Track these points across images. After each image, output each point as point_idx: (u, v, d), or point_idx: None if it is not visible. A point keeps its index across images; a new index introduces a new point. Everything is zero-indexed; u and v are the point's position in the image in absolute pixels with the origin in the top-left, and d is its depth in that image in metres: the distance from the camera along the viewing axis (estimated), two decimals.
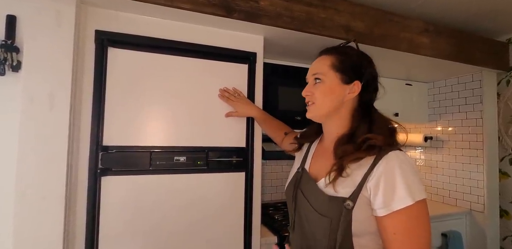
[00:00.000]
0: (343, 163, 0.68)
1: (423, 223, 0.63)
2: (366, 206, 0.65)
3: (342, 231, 0.65)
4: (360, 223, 0.65)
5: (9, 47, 0.88)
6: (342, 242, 0.65)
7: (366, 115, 0.75)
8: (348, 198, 0.65)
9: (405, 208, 0.61)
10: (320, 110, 0.77)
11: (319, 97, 0.76)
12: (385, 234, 0.64)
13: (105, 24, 0.99)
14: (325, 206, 0.69)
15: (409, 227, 0.62)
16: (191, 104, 1.10)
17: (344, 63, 0.75)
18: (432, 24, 1.50)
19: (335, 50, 0.79)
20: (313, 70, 0.79)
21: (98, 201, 0.96)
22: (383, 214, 0.63)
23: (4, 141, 0.88)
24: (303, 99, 0.80)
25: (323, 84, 0.75)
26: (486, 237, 1.74)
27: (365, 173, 0.66)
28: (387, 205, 0.62)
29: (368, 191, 0.65)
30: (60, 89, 0.90)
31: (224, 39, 1.16)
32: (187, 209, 1.07)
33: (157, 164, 1.04)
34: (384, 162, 0.64)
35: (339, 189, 0.67)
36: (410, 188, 0.61)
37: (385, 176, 0.63)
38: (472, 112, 1.82)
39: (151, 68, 1.05)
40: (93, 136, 0.97)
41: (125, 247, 0.99)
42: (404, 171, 0.63)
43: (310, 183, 0.76)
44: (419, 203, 0.62)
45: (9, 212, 0.85)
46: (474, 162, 1.80)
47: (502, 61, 1.79)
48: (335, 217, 0.66)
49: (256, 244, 1.17)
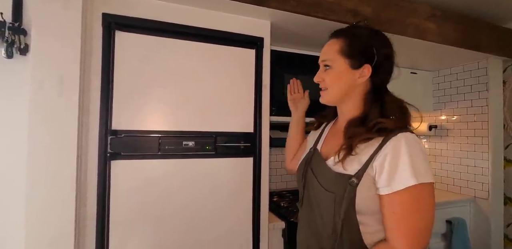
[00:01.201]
0: (353, 143, 0.68)
1: (425, 207, 0.63)
2: (371, 185, 0.65)
3: (345, 207, 0.65)
4: (364, 201, 0.65)
5: (16, 29, 0.88)
6: (345, 218, 0.66)
7: (378, 98, 0.75)
8: (353, 175, 0.66)
9: (407, 188, 0.61)
10: (331, 96, 0.78)
11: (329, 83, 0.76)
12: (385, 212, 0.64)
13: (112, 7, 0.98)
14: (331, 182, 0.70)
15: (408, 208, 0.62)
16: (199, 89, 1.09)
17: (352, 46, 0.73)
18: (439, 9, 1.48)
19: (344, 32, 0.77)
20: (322, 55, 0.79)
21: (108, 185, 0.96)
22: (385, 193, 0.63)
23: (13, 125, 0.88)
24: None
25: (332, 70, 0.75)
26: (490, 224, 1.75)
27: (372, 153, 0.66)
28: (390, 184, 0.62)
29: (374, 170, 0.65)
30: (69, 74, 0.90)
31: (232, 24, 1.15)
32: (196, 193, 1.08)
33: (165, 148, 1.04)
34: (392, 142, 0.64)
35: (347, 167, 0.68)
36: (415, 169, 0.61)
37: (391, 155, 0.63)
38: (477, 100, 1.81)
39: (159, 52, 1.04)
40: (102, 120, 0.96)
41: (135, 231, 0.99)
42: (410, 152, 0.63)
43: (320, 162, 0.77)
44: (423, 185, 0.61)
45: (20, 198, 0.86)
46: (479, 149, 1.80)
47: (508, 48, 1.77)
48: (339, 193, 0.67)
49: (264, 228, 1.18)
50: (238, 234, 1.14)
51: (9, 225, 0.88)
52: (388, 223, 0.64)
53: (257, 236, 1.16)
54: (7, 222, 0.88)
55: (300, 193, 0.83)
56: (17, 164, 0.87)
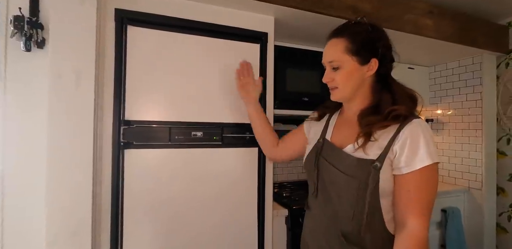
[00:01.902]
0: (371, 130, 0.73)
1: (433, 184, 0.70)
2: (389, 167, 0.71)
3: (370, 190, 0.71)
4: (384, 183, 0.71)
5: (34, 24, 0.92)
6: (370, 201, 0.71)
7: (386, 86, 0.79)
8: (376, 159, 0.71)
9: (424, 167, 0.67)
10: (344, 93, 0.80)
11: (340, 82, 0.79)
12: (399, 190, 0.70)
13: (124, 2, 1.02)
14: (353, 168, 0.74)
15: (421, 185, 0.69)
16: (207, 82, 1.14)
17: (357, 44, 0.76)
18: (436, 6, 1.53)
19: (344, 31, 0.79)
20: (328, 57, 0.80)
21: (122, 172, 1.02)
22: (405, 172, 0.69)
23: (32, 115, 0.93)
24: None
25: (343, 70, 0.78)
26: (483, 213, 1.83)
27: (391, 137, 0.71)
28: (409, 164, 0.68)
29: (394, 153, 0.71)
30: (85, 67, 0.94)
31: (238, 19, 1.20)
32: (204, 181, 1.13)
33: (175, 138, 1.09)
34: (409, 127, 0.70)
35: (369, 152, 0.73)
36: (430, 150, 0.68)
37: (410, 139, 0.69)
38: (472, 94, 1.88)
39: (168, 46, 1.09)
40: (116, 111, 1.01)
41: (147, 215, 1.04)
42: (426, 136, 0.69)
43: (334, 150, 0.81)
44: (434, 165, 0.69)
45: (41, 185, 0.91)
46: (473, 142, 1.87)
47: (502, 44, 1.84)
48: (363, 178, 0.72)
49: (268, 215, 1.24)
50: (244, 220, 1.20)
51: (30, 212, 0.93)
52: (401, 201, 0.70)
53: (262, 223, 1.22)
54: (29, 209, 0.93)
55: (314, 183, 0.85)
56: (38, 154, 0.92)
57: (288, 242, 1.34)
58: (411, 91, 0.78)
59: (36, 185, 0.92)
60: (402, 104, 0.74)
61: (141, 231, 1.04)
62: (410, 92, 0.78)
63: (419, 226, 0.67)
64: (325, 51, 0.82)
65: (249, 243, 1.20)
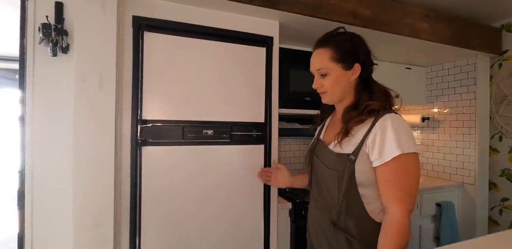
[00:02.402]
0: (348, 126, 0.83)
1: (412, 174, 0.77)
2: (367, 160, 0.80)
3: (346, 180, 0.80)
4: (362, 174, 0.80)
5: (59, 30, 0.99)
6: (347, 189, 0.81)
7: (366, 86, 0.89)
8: (351, 153, 0.81)
9: (394, 158, 0.75)
10: (333, 96, 0.90)
11: (329, 87, 0.88)
12: (379, 181, 0.79)
13: (141, 10, 1.10)
14: (333, 161, 0.85)
15: (398, 175, 0.76)
16: (217, 83, 1.22)
17: (341, 52, 0.85)
18: (433, 10, 1.61)
19: (329, 41, 0.88)
20: (315, 65, 0.89)
21: (140, 168, 1.10)
22: (378, 165, 0.78)
23: (58, 113, 1.01)
24: (312, 81, 0.92)
25: (330, 76, 0.87)
26: (476, 207, 1.92)
27: (365, 133, 0.81)
28: (380, 157, 0.77)
29: (368, 147, 0.80)
30: (106, 70, 1.02)
31: (245, 25, 1.28)
32: (214, 176, 1.22)
33: (188, 136, 1.17)
34: (380, 122, 0.79)
35: (344, 147, 0.83)
36: (400, 142, 0.75)
37: (380, 133, 0.78)
38: (466, 94, 1.97)
39: (181, 50, 1.17)
40: (134, 110, 1.09)
41: (163, 205, 1.13)
42: (395, 128, 0.77)
43: (322, 148, 0.92)
44: (408, 155, 0.75)
45: (68, 177, 0.99)
46: (467, 139, 1.96)
47: (496, 45, 1.92)
48: (341, 170, 0.82)
49: (274, 207, 1.33)
50: (252, 212, 1.28)
51: (58, 204, 1.01)
52: (382, 190, 0.79)
53: (268, 215, 1.31)
54: (57, 201, 1.01)
55: (309, 177, 0.99)
56: (63, 152, 1.00)
57: (292, 233, 1.43)
58: (386, 90, 0.88)
59: (63, 180, 1.00)
60: (377, 101, 0.83)
61: (157, 221, 1.12)
62: (386, 90, 0.87)
63: (400, 212, 0.75)
64: (312, 60, 0.91)
65: (256, 233, 1.29)
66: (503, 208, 1.94)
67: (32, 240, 0.98)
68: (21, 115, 1.00)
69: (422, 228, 1.85)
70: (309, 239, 1.01)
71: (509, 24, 1.91)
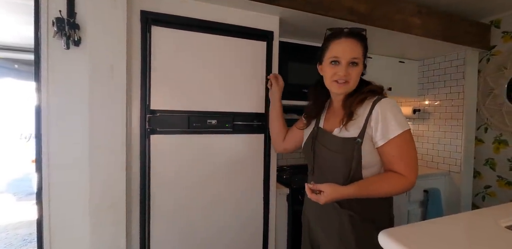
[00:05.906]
0: (352, 109, 0.93)
1: (413, 146, 0.90)
2: (370, 142, 0.90)
3: (355, 162, 0.90)
4: (367, 156, 0.90)
5: (72, 24, 1.05)
6: (355, 171, 0.90)
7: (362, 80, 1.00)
8: (357, 136, 0.90)
9: (398, 136, 0.86)
10: (352, 87, 0.96)
11: (354, 78, 0.94)
12: (386, 158, 0.89)
13: (148, 5, 1.16)
14: (339, 146, 0.93)
15: (403, 148, 0.87)
16: (220, 75, 1.29)
17: (366, 48, 0.97)
18: (425, 6, 1.68)
19: (361, 36, 0.96)
20: (352, 53, 0.92)
21: (148, 154, 1.18)
22: (382, 143, 0.87)
23: (71, 102, 1.07)
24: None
25: (358, 67, 0.94)
26: (460, 193, 2.05)
27: (366, 116, 0.91)
28: (385, 136, 0.87)
29: (371, 129, 0.89)
30: (117, 62, 1.08)
31: (247, 19, 1.34)
32: (217, 162, 1.30)
33: (193, 125, 1.25)
34: (379, 106, 0.90)
35: (351, 130, 0.92)
36: (399, 121, 0.87)
37: (381, 115, 0.88)
38: (455, 87, 2.06)
39: (187, 44, 1.23)
40: (142, 101, 1.16)
41: (170, 188, 1.22)
42: (393, 110, 0.88)
43: (325, 134, 1.00)
44: (406, 132, 0.87)
45: (85, 163, 1.07)
46: (454, 130, 2.07)
47: (485, 41, 2.01)
48: (349, 153, 0.90)
49: (273, 193, 1.43)
50: (252, 196, 1.38)
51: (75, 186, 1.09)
52: (391, 164, 0.88)
53: (267, 199, 1.41)
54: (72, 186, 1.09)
55: (310, 163, 1.06)
56: (78, 139, 1.07)
57: (289, 216, 1.53)
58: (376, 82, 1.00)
59: (79, 164, 1.08)
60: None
61: (165, 202, 1.21)
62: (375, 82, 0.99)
63: (409, 172, 0.86)
64: (346, 48, 0.92)
65: (256, 215, 1.39)
66: (486, 195, 2.07)
67: (50, 222, 1.06)
68: (37, 104, 1.06)
69: (410, 213, 1.97)
70: (305, 221, 1.10)
71: (498, 20, 2.00)
